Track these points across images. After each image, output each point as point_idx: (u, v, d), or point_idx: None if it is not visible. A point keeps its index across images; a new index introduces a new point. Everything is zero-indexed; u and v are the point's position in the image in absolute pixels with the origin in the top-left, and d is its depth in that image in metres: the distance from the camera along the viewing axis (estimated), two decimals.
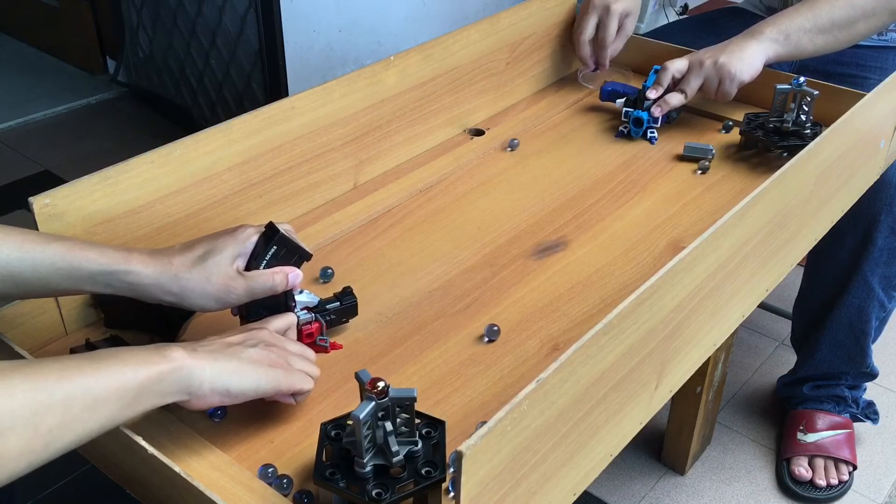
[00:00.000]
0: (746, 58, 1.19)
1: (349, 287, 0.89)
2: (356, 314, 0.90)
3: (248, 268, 0.79)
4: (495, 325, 0.89)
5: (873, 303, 1.32)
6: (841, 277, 1.31)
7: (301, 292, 0.84)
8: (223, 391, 0.68)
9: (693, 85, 1.22)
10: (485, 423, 0.60)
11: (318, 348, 0.86)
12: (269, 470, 0.72)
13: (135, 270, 0.74)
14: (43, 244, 0.72)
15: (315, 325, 0.85)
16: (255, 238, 0.79)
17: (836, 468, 1.38)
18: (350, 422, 0.67)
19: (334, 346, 0.87)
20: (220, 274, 0.76)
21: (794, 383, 1.46)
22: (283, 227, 0.81)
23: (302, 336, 0.84)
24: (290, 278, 0.80)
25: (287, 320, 0.81)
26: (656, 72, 1.25)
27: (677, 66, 1.23)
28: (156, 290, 0.75)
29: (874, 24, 1.23)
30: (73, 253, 0.72)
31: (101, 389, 0.60)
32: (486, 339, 0.89)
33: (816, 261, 1.35)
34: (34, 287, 0.73)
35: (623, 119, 1.26)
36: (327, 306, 0.87)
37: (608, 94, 1.31)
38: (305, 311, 0.85)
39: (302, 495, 0.71)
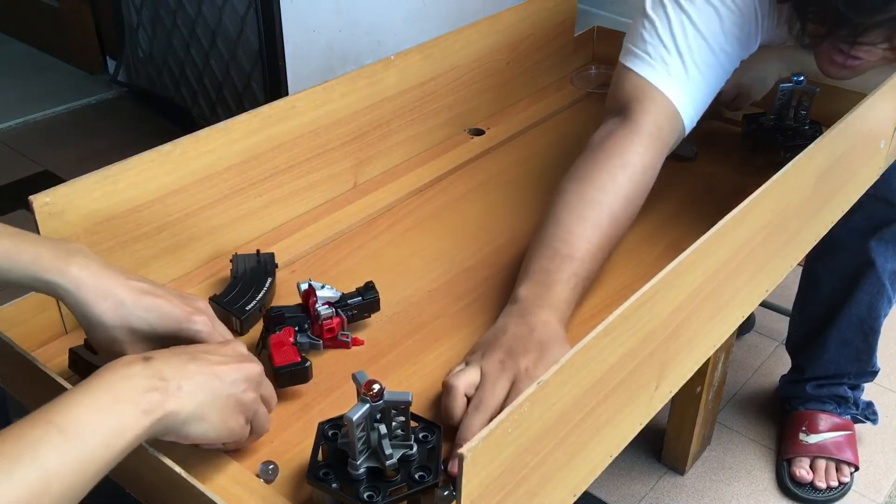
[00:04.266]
0: (769, 80, 1.22)
1: (371, 282, 0.89)
2: (378, 309, 0.89)
3: None
4: None
5: (883, 298, 1.32)
6: (852, 274, 1.31)
7: (322, 287, 0.84)
8: (184, 436, 0.64)
9: None
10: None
11: (340, 343, 0.86)
12: (271, 467, 0.72)
13: (67, 290, 0.68)
14: None
15: (336, 320, 0.85)
16: (199, 335, 0.72)
17: (838, 469, 1.38)
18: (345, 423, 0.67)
19: (356, 342, 0.87)
20: (138, 349, 0.70)
21: (796, 382, 1.46)
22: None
23: (323, 331, 0.84)
24: None
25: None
26: None
27: None
28: (77, 315, 0.70)
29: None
30: (16, 251, 0.68)
31: (83, 477, 0.55)
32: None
33: (822, 258, 1.35)
34: None
35: None
36: (349, 301, 0.87)
37: None
38: (326, 306, 0.85)
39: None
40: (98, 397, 0.57)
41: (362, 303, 0.88)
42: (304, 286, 0.86)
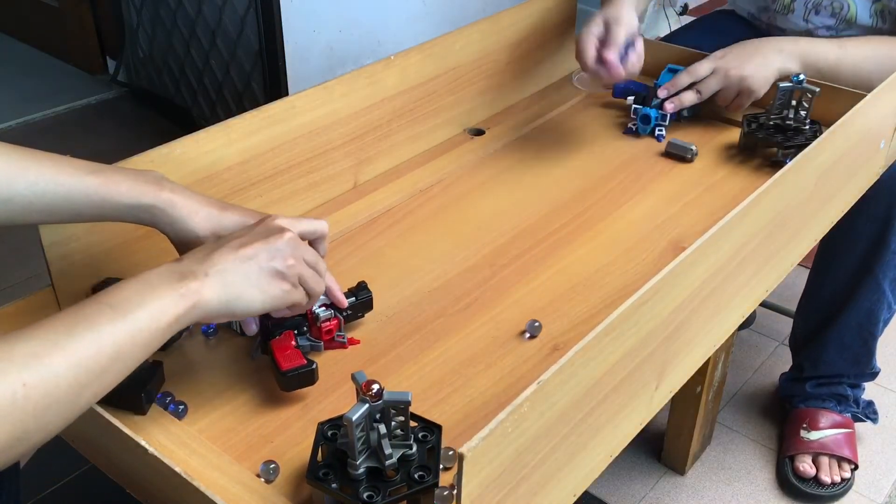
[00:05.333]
0: (768, 75, 1.22)
1: (364, 282, 0.89)
2: (372, 308, 0.90)
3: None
4: (537, 321, 0.90)
5: (883, 305, 1.32)
6: (852, 280, 1.31)
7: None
8: (228, 314, 0.70)
9: (710, 87, 1.24)
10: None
11: (337, 344, 0.86)
12: (271, 467, 0.72)
13: (163, 210, 0.77)
14: (79, 176, 0.75)
15: (334, 322, 0.86)
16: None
17: (840, 466, 1.38)
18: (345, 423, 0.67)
19: (352, 342, 0.87)
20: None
21: (796, 380, 1.46)
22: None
23: (321, 333, 0.85)
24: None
25: (316, 227, 0.80)
26: (671, 71, 1.26)
27: (700, 71, 1.24)
28: (172, 232, 0.78)
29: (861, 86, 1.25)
30: (106, 186, 0.75)
31: (132, 348, 0.62)
32: (528, 335, 0.89)
33: (826, 263, 1.35)
34: (66, 216, 0.76)
35: (632, 116, 1.27)
36: None
37: (621, 91, 1.31)
38: (324, 308, 0.85)
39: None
40: (140, 287, 0.65)
41: (357, 303, 0.88)
42: None
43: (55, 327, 0.59)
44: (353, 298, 0.88)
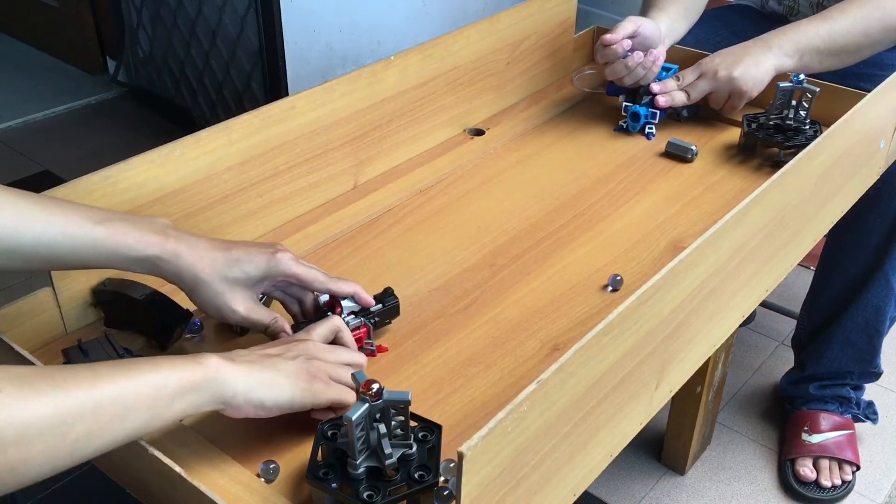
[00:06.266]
0: (760, 75, 1.20)
1: (390, 288, 0.89)
2: (398, 314, 0.89)
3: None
4: (618, 276, 0.96)
5: (891, 302, 1.32)
6: (861, 276, 1.31)
7: (345, 298, 0.84)
8: (257, 403, 0.68)
9: (701, 89, 1.24)
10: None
11: (366, 353, 0.85)
12: (271, 467, 0.72)
13: (168, 261, 0.76)
14: (87, 227, 0.74)
15: (363, 330, 0.85)
16: (289, 268, 0.80)
17: (840, 469, 1.38)
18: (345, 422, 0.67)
19: (380, 349, 0.87)
20: (238, 298, 0.78)
21: (799, 381, 1.45)
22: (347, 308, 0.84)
23: None
24: (285, 329, 0.81)
25: (330, 326, 0.79)
26: (664, 69, 1.26)
27: (688, 79, 1.25)
28: (180, 282, 0.78)
29: (876, 50, 1.25)
30: (114, 238, 0.74)
31: (132, 398, 0.60)
32: (610, 288, 0.95)
33: (834, 259, 1.35)
34: (70, 266, 0.76)
35: (623, 113, 1.27)
36: (371, 309, 0.86)
37: (615, 89, 1.31)
38: (353, 316, 0.85)
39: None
40: (150, 359, 0.64)
41: (383, 309, 0.87)
42: (324, 297, 0.86)
43: (56, 368, 0.58)
44: (381, 305, 0.87)
